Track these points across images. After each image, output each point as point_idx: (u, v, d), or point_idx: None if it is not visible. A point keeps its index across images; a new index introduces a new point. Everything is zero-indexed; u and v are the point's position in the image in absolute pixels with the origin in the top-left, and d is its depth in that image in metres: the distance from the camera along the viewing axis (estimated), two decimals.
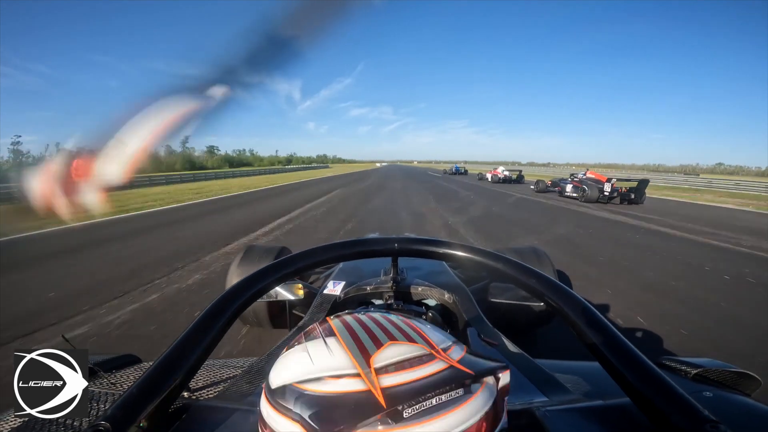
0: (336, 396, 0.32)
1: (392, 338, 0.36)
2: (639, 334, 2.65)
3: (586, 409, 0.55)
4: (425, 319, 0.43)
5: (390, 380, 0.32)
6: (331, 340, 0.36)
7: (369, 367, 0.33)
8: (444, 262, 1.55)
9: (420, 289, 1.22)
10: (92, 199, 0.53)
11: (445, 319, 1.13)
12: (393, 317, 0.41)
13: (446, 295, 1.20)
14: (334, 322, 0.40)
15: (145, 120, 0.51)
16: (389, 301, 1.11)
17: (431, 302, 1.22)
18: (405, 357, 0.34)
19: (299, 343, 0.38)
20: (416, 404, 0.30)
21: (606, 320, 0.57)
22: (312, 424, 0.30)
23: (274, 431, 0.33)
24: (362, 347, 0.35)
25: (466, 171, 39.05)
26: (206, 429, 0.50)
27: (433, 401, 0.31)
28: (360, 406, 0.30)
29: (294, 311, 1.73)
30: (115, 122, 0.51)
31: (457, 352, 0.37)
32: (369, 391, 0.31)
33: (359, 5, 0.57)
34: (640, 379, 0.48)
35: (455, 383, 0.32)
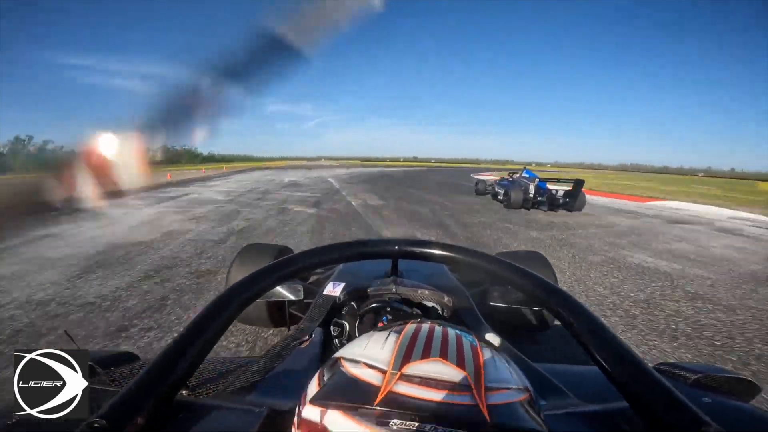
0: (354, 379, 0.33)
1: (444, 356, 0.35)
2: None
3: (585, 414, 0.55)
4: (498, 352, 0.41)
5: (406, 389, 0.31)
6: (392, 337, 0.38)
7: (399, 369, 0.33)
8: (444, 266, 1.55)
9: (419, 291, 1.22)
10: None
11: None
12: (467, 341, 0.39)
13: (446, 298, 1.20)
14: (411, 325, 0.40)
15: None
16: (388, 304, 1.11)
17: (430, 305, 1.22)
18: (439, 377, 0.32)
19: (379, 331, 0.41)
20: (409, 420, 0.29)
21: (605, 325, 0.57)
22: (321, 389, 0.34)
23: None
24: (409, 352, 0.35)
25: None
26: (204, 427, 0.50)
27: (426, 427, 0.29)
28: (362, 395, 0.31)
29: (293, 311, 1.73)
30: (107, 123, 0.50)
31: (502, 398, 0.32)
32: (379, 387, 0.31)
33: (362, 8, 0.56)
34: (639, 383, 0.48)
35: (464, 423, 0.29)
